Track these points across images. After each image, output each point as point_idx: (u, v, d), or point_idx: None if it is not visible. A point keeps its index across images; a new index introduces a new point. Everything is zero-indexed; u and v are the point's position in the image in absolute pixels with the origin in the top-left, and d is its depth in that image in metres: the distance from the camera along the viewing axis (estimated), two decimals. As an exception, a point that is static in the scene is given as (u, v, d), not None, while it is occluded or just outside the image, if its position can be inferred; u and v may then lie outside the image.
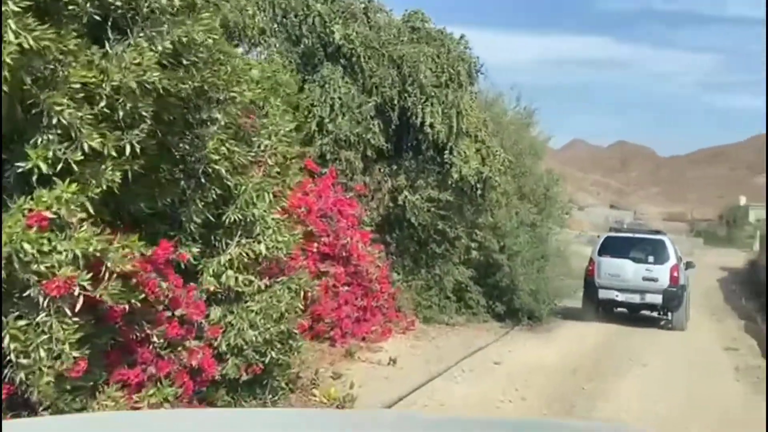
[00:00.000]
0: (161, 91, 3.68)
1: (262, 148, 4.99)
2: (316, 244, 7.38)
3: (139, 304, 3.82)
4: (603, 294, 11.77)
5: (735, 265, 32.62)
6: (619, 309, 12.29)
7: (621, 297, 11.67)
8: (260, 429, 1.56)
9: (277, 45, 9.25)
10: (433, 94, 9.17)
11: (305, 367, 5.98)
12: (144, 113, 3.66)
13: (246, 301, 4.74)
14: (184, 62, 3.94)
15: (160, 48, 3.69)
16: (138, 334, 4.03)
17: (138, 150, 3.68)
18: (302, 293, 5.22)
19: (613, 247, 12.03)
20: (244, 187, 4.61)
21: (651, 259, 11.80)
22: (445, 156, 9.57)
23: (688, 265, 12.81)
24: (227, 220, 4.60)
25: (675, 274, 11.56)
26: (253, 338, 4.63)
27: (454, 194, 10.02)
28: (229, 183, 4.51)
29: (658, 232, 13.48)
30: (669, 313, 11.86)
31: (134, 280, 3.86)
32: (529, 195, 11.66)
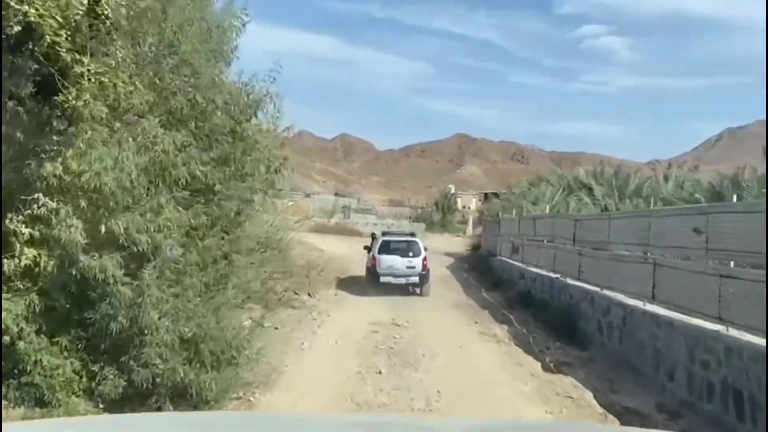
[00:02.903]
0: None
1: None
2: None
3: None
4: (383, 279, 15.76)
5: (457, 250, 31.92)
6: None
7: (394, 281, 15.74)
8: None
9: None
10: None
11: None
12: None
13: None
14: None
15: None
16: None
17: None
18: None
19: (387, 247, 16.42)
20: None
21: (411, 254, 16.20)
22: None
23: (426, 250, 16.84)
24: None
25: (425, 262, 16.15)
26: None
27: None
28: None
29: (413, 235, 18.40)
30: (421, 288, 15.96)
31: None
32: (199, 132, 5.52)
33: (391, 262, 15.91)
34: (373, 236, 19.82)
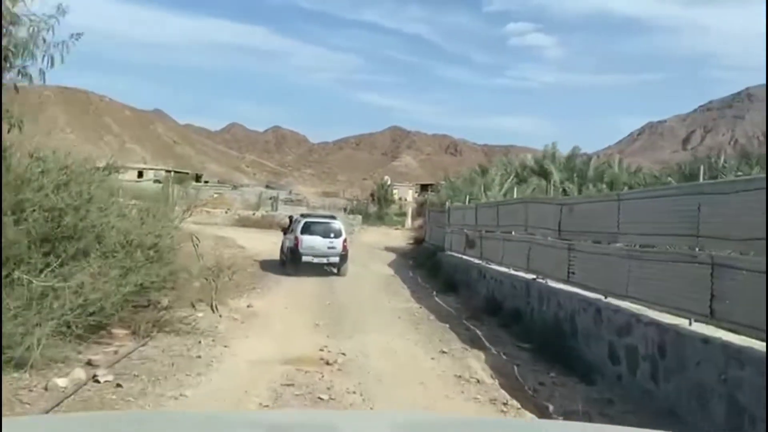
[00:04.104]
0: None
1: None
2: None
3: None
4: (305, 258, 16.46)
5: (398, 244, 28.80)
6: None
7: (316, 260, 16.53)
8: None
9: None
10: None
11: None
12: None
13: None
14: None
15: None
16: None
17: None
18: None
19: (309, 228, 16.93)
20: None
21: (332, 235, 16.85)
22: None
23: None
24: None
25: (345, 244, 16.87)
26: None
27: None
28: None
29: (333, 217, 19.35)
30: (339, 268, 16.84)
31: None
32: None
33: (312, 242, 16.50)
34: (291, 219, 20.05)
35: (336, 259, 16.63)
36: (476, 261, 14.80)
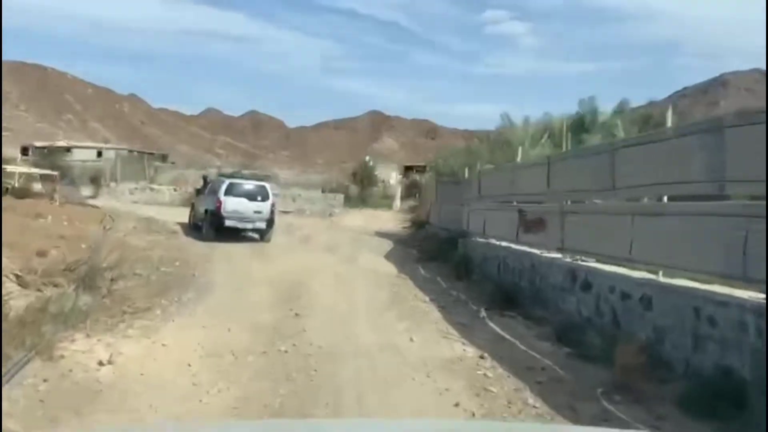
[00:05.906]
0: None
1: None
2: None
3: None
4: (228, 222, 14.95)
5: (391, 228, 22.34)
6: None
7: (240, 225, 15.20)
8: None
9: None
10: None
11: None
12: None
13: None
14: None
15: None
16: None
17: None
18: None
19: (233, 189, 15.32)
20: None
21: (259, 198, 15.48)
22: None
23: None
24: None
25: (272, 208, 15.62)
26: None
27: None
28: None
29: (261, 180, 18.39)
30: (263, 235, 15.54)
31: None
32: None
33: (237, 205, 15.12)
34: (205, 179, 18.79)
35: (262, 225, 15.44)
36: (552, 255, 8.49)
